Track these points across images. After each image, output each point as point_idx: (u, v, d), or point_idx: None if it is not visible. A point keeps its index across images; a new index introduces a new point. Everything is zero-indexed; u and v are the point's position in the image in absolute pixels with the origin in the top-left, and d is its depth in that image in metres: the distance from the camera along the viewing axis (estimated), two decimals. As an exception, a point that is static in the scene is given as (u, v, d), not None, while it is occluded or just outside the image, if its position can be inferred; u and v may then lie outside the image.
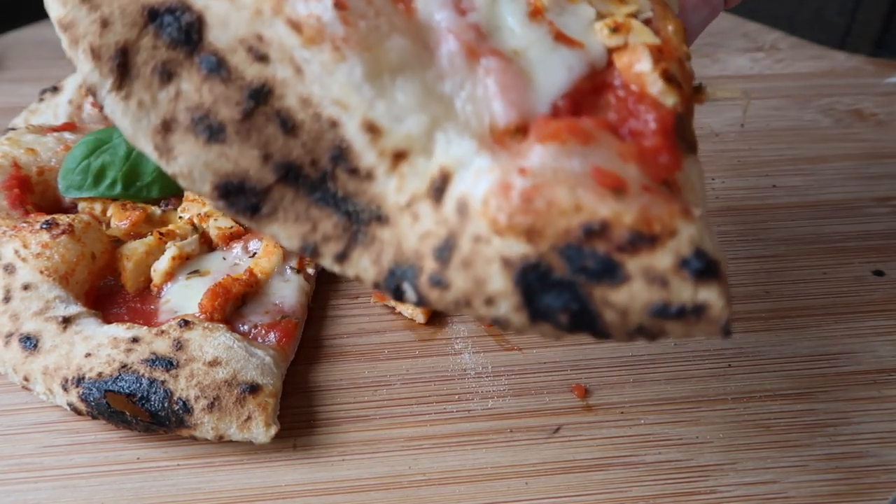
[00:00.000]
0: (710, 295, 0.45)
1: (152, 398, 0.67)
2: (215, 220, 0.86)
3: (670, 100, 0.52)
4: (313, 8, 0.50)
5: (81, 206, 0.87)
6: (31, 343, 0.71)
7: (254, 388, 0.69)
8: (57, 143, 0.90)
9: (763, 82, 1.26)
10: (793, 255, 0.91)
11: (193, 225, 0.86)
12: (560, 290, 0.46)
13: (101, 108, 0.52)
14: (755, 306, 0.84)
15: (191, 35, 0.50)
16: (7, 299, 0.73)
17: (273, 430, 0.68)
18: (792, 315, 0.83)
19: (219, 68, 0.50)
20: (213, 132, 0.50)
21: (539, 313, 0.47)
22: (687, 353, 0.79)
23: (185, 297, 0.78)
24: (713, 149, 1.10)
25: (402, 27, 0.52)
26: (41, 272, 0.75)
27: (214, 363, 0.69)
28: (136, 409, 0.67)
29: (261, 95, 0.50)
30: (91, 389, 0.67)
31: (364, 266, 0.51)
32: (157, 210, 0.88)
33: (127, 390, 0.67)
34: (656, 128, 0.51)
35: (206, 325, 0.72)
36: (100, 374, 0.68)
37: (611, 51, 0.55)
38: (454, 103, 0.51)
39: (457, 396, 0.75)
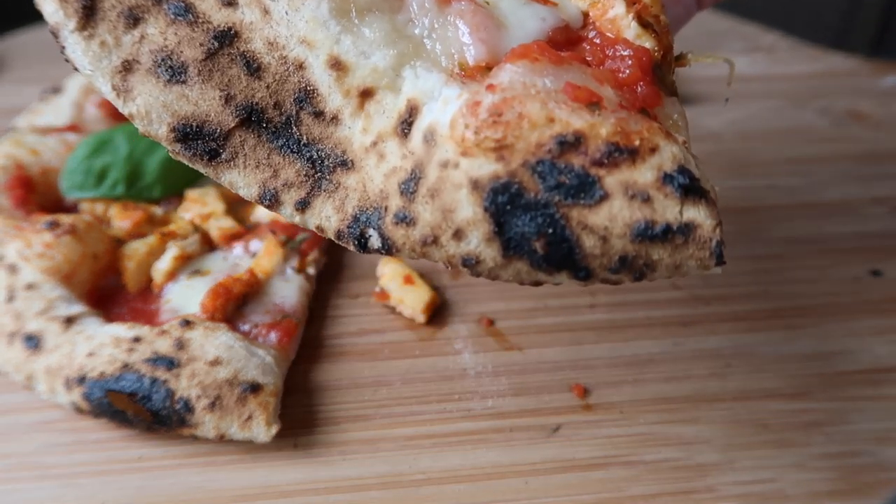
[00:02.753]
0: (697, 214, 0.42)
1: (154, 397, 0.67)
2: (216, 220, 0.86)
3: (647, 43, 0.51)
4: None
5: (83, 206, 0.87)
6: (33, 342, 0.71)
7: (255, 388, 0.69)
8: (59, 143, 0.91)
9: (761, 83, 1.26)
10: (791, 255, 0.91)
11: (195, 225, 0.86)
12: (534, 212, 0.43)
13: (61, 51, 0.51)
14: (753, 306, 0.84)
15: None
16: (10, 299, 0.73)
17: (274, 430, 0.68)
18: (790, 315, 0.84)
19: (186, 12, 0.49)
20: (174, 73, 0.49)
21: (512, 243, 0.43)
22: (686, 353, 0.79)
23: (186, 296, 0.78)
24: (712, 149, 1.10)
25: None
26: (44, 272, 0.75)
27: (216, 363, 0.69)
28: (137, 409, 0.67)
29: (226, 37, 0.49)
30: (93, 389, 0.68)
31: (327, 214, 0.50)
32: (158, 210, 0.88)
33: (129, 389, 0.67)
34: (633, 62, 0.49)
35: (207, 324, 0.73)
36: (102, 374, 0.68)
37: (586, 13, 0.54)
38: (423, 43, 0.50)
39: (457, 396, 0.75)
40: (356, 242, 0.49)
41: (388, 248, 0.47)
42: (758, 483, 0.68)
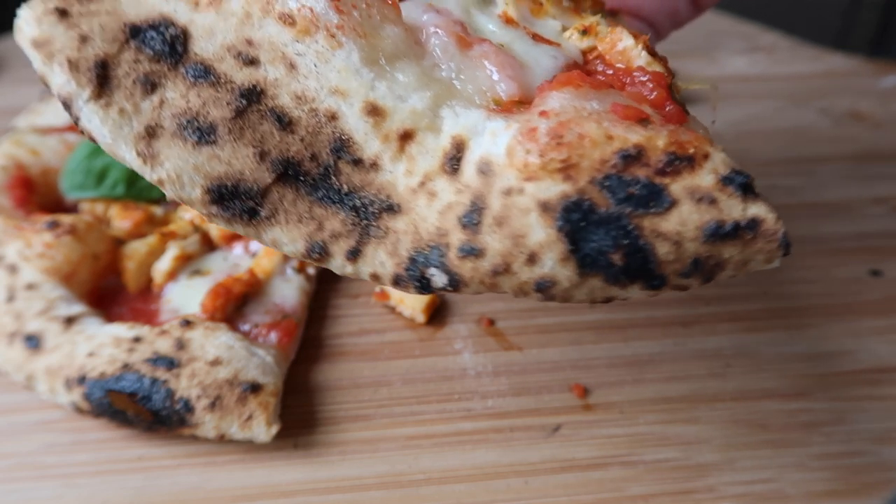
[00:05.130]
0: (759, 209, 0.44)
1: (154, 397, 0.67)
2: (216, 220, 0.86)
3: (657, 69, 0.52)
4: (305, 1, 0.50)
5: (83, 206, 0.87)
6: (33, 342, 0.71)
7: (255, 388, 0.69)
8: (59, 143, 0.91)
9: (761, 83, 1.26)
10: (790, 256, 0.91)
11: (195, 225, 0.87)
12: (608, 225, 0.43)
13: (76, 121, 0.50)
14: (753, 306, 0.84)
15: (175, 47, 0.49)
16: (10, 299, 0.73)
17: (274, 429, 0.68)
18: (790, 315, 0.84)
19: (206, 74, 0.49)
20: (202, 134, 0.48)
21: (588, 259, 0.44)
22: (685, 353, 0.79)
23: (186, 296, 0.78)
24: (712, 149, 1.10)
25: (394, 19, 0.52)
26: (44, 272, 0.75)
27: (216, 362, 0.69)
28: (138, 409, 0.67)
29: (253, 94, 0.49)
30: (93, 389, 0.68)
31: (380, 260, 0.49)
32: (158, 210, 0.88)
33: (129, 389, 0.67)
34: (654, 84, 0.50)
35: (207, 324, 0.73)
36: (102, 374, 0.68)
37: (584, 52, 0.56)
38: (454, 84, 0.51)
39: (457, 396, 0.75)
40: (417, 284, 0.48)
41: (456, 285, 0.47)
42: (758, 483, 0.68)
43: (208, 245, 0.86)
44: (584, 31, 0.56)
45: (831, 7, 1.67)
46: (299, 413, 0.73)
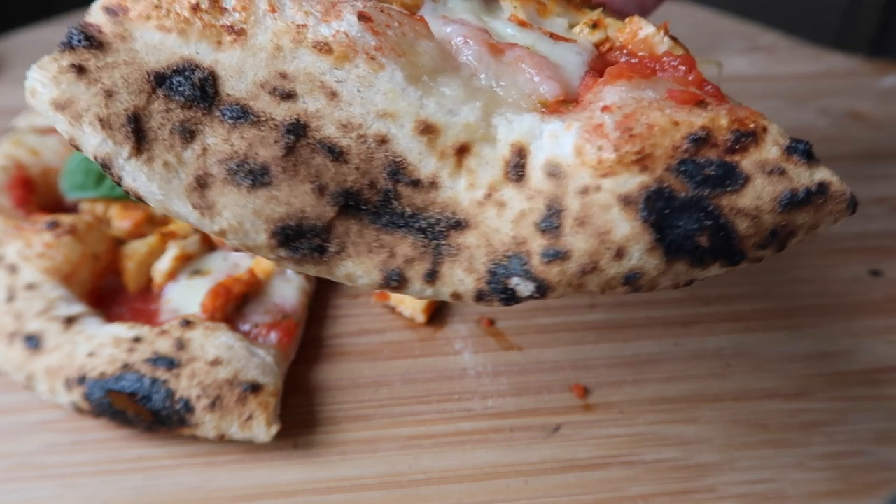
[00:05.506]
0: (824, 173, 0.46)
1: (154, 397, 0.67)
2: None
3: (679, 51, 0.54)
4: (338, 26, 0.49)
5: (83, 206, 0.87)
6: (33, 342, 0.71)
7: (255, 388, 0.69)
8: (59, 143, 0.91)
9: (761, 83, 1.26)
10: (790, 256, 0.91)
11: (195, 225, 0.86)
12: (690, 209, 0.44)
13: (118, 181, 0.48)
14: (753, 306, 0.84)
15: (205, 90, 0.47)
16: (10, 299, 0.73)
17: (274, 429, 0.68)
18: (790, 315, 0.84)
19: (244, 114, 0.47)
20: (255, 176, 0.46)
21: (674, 245, 0.45)
22: (686, 353, 0.79)
23: (186, 296, 0.78)
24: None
25: (426, 34, 0.51)
26: (44, 272, 0.75)
27: (216, 362, 0.69)
28: (138, 409, 0.67)
29: (297, 129, 0.47)
30: (93, 389, 0.68)
31: (459, 278, 0.48)
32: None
33: (129, 389, 0.67)
34: (687, 67, 0.52)
35: (207, 324, 0.73)
36: (102, 374, 0.68)
37: (597, 45, 0.56)
38: (497, 91, 0.51)
39: (457, 396, 0.75)
40: (502, 297, 0.47)
41: (543, 291, 0.46)
42: (758, 483, 0.68)
43: (208, 245, 0.85)
44: (594, 25, 0.57)
45: (831, 7, 1.67)
46: (299, 413, 0.73)
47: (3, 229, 0.78)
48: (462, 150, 0.48)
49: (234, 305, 0.77)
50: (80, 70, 0.48)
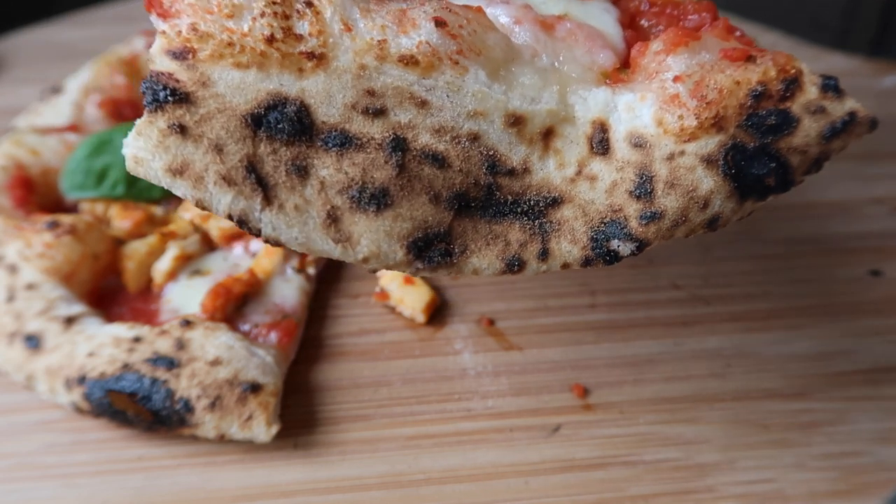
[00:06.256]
0: (851, 102, 0.51)
1: (154, 397, 0.67)
2: (216, 220, 0.86)
3: None
4: (418, 36, 0.49)
5: (83, 206, 0.87)
6: (33, 342, 0.71)
7: (255, 388, 0.69)
8: (59, 143, 0.91)
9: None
10: (791, 256, 0.91)
11: (195, 225, 0.86)
12: (760, 156, 0.50)
13: (257, 234, 0.48)
14: (753, 306, 0.84)
15: (302, 122, 0.48)
16: (10, 299, 0.73)
17: (274, 429, 0.68)
18: (790, 315, 0.84)
19: (346, 140, 0.48)
20: (378, 200, 0.48)
21: (748, 189, 0.50)
22: (686, 353, 0.79)
23: (186, 296, 0.78)
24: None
25: (489, 25, 0.53)
26: (44, 272, 0.75)
27: (216, 362, 0.69)
28: (138, 409, 0.67)
29: (399, 144, 0.48)
30: (93, 389, 0.68)
31: (567, 250, 0.51)
32: (158, 210, 0.88)
33: (129, 389, 0.67)
34: (711, 14, 0.57)
35: (207, 324, 0.73)
36: (102, 374, 0.68)
37: None
38: (562, 69, 0.53)
39: (457, 396, 0.75)
40: (607, 259, 0.51)
41: (642, 248, 0.51)
42: (758, 483, 0.68)
43: (208, 245, 0.85)
44: None
45: (831, 7, 1.67)
46: (299, 413, 0.73)
47: (3, 229, 0.78)
48: (548, 134, 0.52)
49: (234, 305, 0.77)
50: (182, 130, 0.47)
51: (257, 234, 0.48)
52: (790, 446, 0.71)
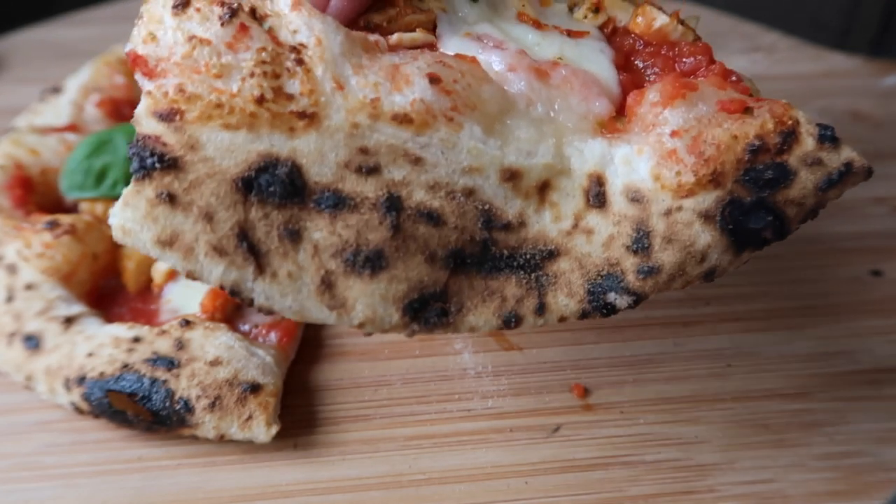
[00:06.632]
0: (847, 152, 0.51)
1: (154, 397, 0.67)
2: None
3: (691, 37, 0.57)
4: (411, 94, 0.49)
5: (83, 206, 0.87)
6: (33, 343, 0.71)
7: (255, 388, 0.69)
8: (59, 143, 0.91)
9: (761, 83, 1.25)
10: (791, 256, 0.91)
11: (194, 225, 0.86)
12: (756, 210, 0.50)
13: (250, 304, 0.47)
14: (754, 306, 0.84)
15: (294, 184, 0.46)
16: (9, 299, 0.73)
17: (274, 430, 0.68)
18: (790, 315, 0.84)
19: (340, 200, 0.47)
20: (373, 262, 0.47)
21: (745, 242, 0.50)
22: (686, 353, 0.79)
23: (186, 296, 0.78)
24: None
25: (483, 76, 0.52)
26: (43, 272, 0.75)
27: (216, 363, 0.69)
28: (137, 409, 0.67)
29: (393, 203, 0.47)
30: (93, 389, 0.68)
31: (563, 303, 0.51)
32: (158, 210, 0.88)
33: (129, 390, 0.67)
34: (706, 57, 0.57)
35: (207, 324, 0.73)
36: (102, 374, 0.68)
37: (601, 28, 0.59)
38: (557, 119, 0.53)
39: (457, 396, 0.75)
40: (603, 312, 0.51)
41: (639, 301, 0.51)
42: (758, 483, 0.68)
43: (208, 245, 0.85)
44: (596, 9, 0.59)
45: (831, 7, 1.67)
46: (299, 413, 0.73)
47: (3, 229, 0.78)
48: (544, 187, 0.51)
49: (233, 305, 0.77)
50: (172, 199, 0.45)
51: (250, 304, 0.47)
52: (790, 446, 0.71)
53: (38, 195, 0.87)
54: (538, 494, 0.67)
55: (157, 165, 0.45)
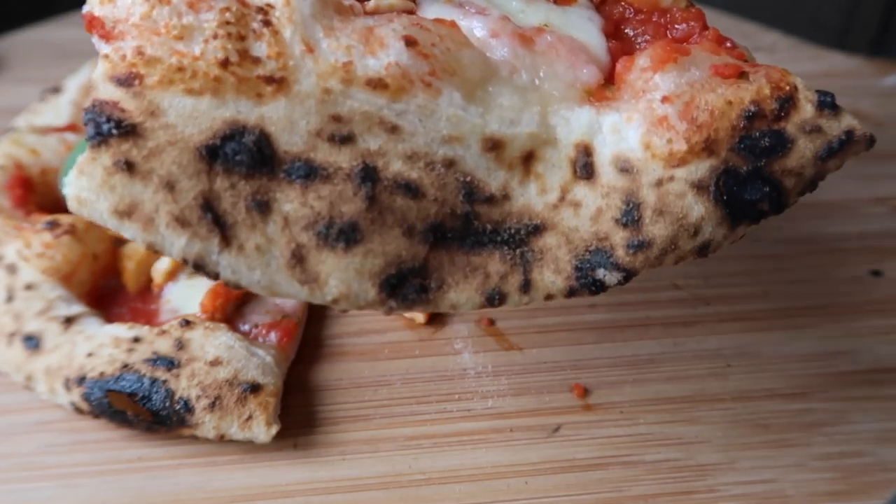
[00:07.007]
0: (848, 119, 0.49)
1: (154, 398, 0.67)
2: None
3: (683, 3, 0.55)
4: (387, 57, 0.46)
5: (83, 206, 0.87)
6: (33, 343, 0.71)
7: (255, 388, 0.69)
8: (59, 143, 0.91)
9: (761, 83, 1.26)
10: (791, 256, 0.91)
11: (194, 225, 0.86)
12: (752, 181, 0.48)
13: (215, 278, 0.44)
14: (754, 306, 0.84)
15: (263, 152, 0.44)
16: (9, 299, 0.73)
17: (274, 430, 0.68)
18: (790, 315, 0.84)
19: (312, 171, 0.44)
20: (348, 236, 0.45)
21: (741, 214, 0.48)
22: (686, 353, 0.79)
23: (186, 296, 0.78)
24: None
25: (464, 41, 0.50)
26: (43, 272, 0.75)
27: (216, 363, 0.69)
28: (137, 409, 0.67)
29: (369, 173, 0.45)
30: (93, 389, 0.68)
31: (550, 280, 0.49)
32: (158, 210, 0.88)
33: (129, 390, 0.67)
34: (699, 23, 0.54)
35: (207, 324, 0.73)
36: (102, 374, 0.68)
37: None
38: (543, 87, 0.50)
39: (457, 396, 0.75)
40: (592, 289, 0.49)
41: (629, 277, 0.49)
42: (758, 483, 0.68)
43: (208, 245, 0.85)
44: None
45: (831, 7, 1.67)
46: (299, 413, 0.73)
47: (3, 229, 0.78)
48: (528, 158, 0.49)
49: (233, 305, 0.77)
50: (130, 167, 0.43)
51: (215, 277, 0.45)
52: (790, 446, 0.71)
53: (38, 195, 0.87)
54: (538, 494, 0.67)
55: (115, 132, 0.43)
